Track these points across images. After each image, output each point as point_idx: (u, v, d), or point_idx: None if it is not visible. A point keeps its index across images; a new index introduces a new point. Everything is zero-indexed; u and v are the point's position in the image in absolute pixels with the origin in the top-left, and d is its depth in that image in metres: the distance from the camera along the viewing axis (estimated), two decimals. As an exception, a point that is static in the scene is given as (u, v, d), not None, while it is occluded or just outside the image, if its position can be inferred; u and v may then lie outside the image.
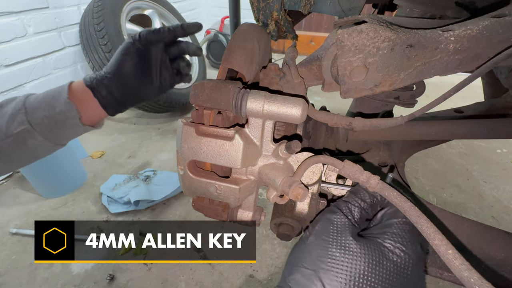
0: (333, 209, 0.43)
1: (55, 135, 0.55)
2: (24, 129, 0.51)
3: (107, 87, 0.55)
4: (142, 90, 0.59)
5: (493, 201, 1.55)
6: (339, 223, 0.40)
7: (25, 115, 0.51)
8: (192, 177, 0.46)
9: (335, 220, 0.41)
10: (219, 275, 1.16)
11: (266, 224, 1.35)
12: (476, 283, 0.29)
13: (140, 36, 0.55)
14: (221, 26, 3.42)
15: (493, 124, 0.66)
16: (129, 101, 0.59)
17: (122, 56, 0.55)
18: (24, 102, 0.53)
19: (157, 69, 0.59)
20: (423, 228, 0.34)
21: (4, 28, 1.53)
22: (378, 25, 0.41)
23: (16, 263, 1.20)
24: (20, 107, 0.52)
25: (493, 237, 0.55)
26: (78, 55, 2.01)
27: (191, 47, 0.60)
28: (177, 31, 0.57)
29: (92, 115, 0.57)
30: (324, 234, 0.39)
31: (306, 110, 0.43)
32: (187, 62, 0.63)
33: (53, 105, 0.53)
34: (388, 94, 0.79)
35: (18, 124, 0.51)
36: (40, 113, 0.52)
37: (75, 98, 0.54)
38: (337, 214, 0.41)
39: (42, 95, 0.54)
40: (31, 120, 0.52)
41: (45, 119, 0.52)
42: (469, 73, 0.41)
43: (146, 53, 0.56)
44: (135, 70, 0.56)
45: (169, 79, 0.61)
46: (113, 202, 1.46)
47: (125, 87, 0.57)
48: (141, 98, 0.60)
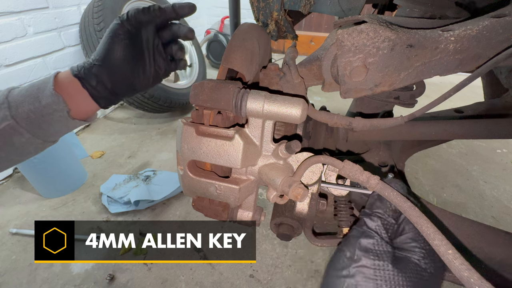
0: (369, 233, 0.43)
1: (44, 131, 0.50)
2: (8, 125, 0.46)
3: (96, 76, 0.50)
4: (136, 78, 0.53)
5: (493, 201, 1.55)
6: (379, 250, 0.40)
7: (8, 110, 0.47)
8: (192, 177, 0.46)
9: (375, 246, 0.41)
10: (219, 275, 1.16)
11: (266, 224, 1.35)
12: (476, 283, 0.29)
13: (128, 16, 0.49)
14: (221, 26, 3.42)
15: (493, 124, 0.66)
16: (122, 91, 0.54)
17: (110, 39, 0.49)
18: (6, 96, 0.48)
19: (150, 54, 0.53)
20: (423, 228, 0.34)
21: (4, 28, 1.53)
22: (378, 25, 0.41)
23: (16, 263, 1.20)
24: (2, 101, 0.47)
25: (493, 237, 0.55)
26: (78, 55, 2.01)
27: (183, 29, 0.54)
28: (168, 12, 0.51)
29: (82, 108, 0.52)
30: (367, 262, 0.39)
31: (306, 110, 0.43)
32: (180, 46, 0.57)
33: (38, 98, 0.48)
34: (388, 94, 0.79)
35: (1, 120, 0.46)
36: (25, 107, 0.47)
37: (62, 89, 0.49)
38: (375, 238, 0.42)
39: (26, 88, 0.49)
40: (15, 115, 0.47)
41: (31, 113, 0.47)
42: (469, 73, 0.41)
43: (137, 35, 0.51)
44: (126, 55, 0.50)
45: (164, 66, 0.56)
46: (113, 202, 1.46)
47: (116, 75, 0.51)
48: (135, 88, 0.55)
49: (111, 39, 0.49)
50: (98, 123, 2.27)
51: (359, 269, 0.39)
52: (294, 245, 1.28)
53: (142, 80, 0.54)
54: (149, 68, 0.54)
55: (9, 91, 0.50)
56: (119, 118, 2.36)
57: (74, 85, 0.50)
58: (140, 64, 0.52)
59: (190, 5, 0.52)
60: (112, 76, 0.51)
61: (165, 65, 0.56)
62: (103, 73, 0.50)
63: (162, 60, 0.55)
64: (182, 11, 0.52)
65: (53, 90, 0.48)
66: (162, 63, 0.55)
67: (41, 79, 0.51)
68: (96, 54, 0.51)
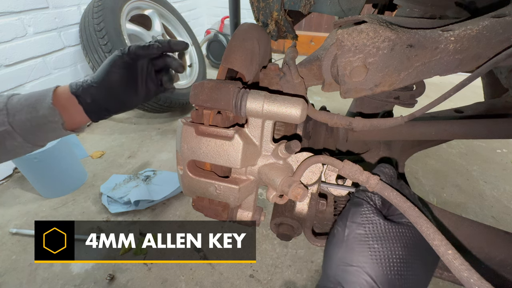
0: (357, 200, 0.44)
1: (36, 137, 0.55)
2: (4, 130, 0.51)
3: (92, 95, 0.56)
4: (127, 99, 0.60)
5: (493, 201, 1.55)
6: (368, 214, 0.41)
7: (6, 116, 0.51)
8: (191, 177, 0.46)
9: (363, 211, 0.42)
10: (219, 275, 1.16)
11: (266, 224, 1.35)
12: (476, 283, 0.29)
13: (129, 50, 0.56)
14: (221, 26, 3.42)
15: (493, 124, 0.66)
16: (113, 109, 0.60)
17: (109, 67, 0.56)
18: (6, 103, 0.52)
19: (143, 80, 0.60)
20: (422, 228, 0.34)
21: (4, 28, 1.53)
22: (378, 25, 0.41)
23: (16, 263, 1.20)
24: (2, 107, 0.52)
25: (493, 237, 0.55)
26: (78, 55, 2.01)
27: (175, 63, 0.62)
28: (165, 47, 0.58)
29: (75, 120, 0.58)
30: (358, 227, 0.40)
31: (306, 110, 0.43)
32: (169, 77, 0.65)
33: (36, 108, 0.52)
34: (388, 94, 0.79)
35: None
36: (22, 115, 0.52)
37: (59, 103, 0.54)
38: (364, 205, 0.42)
39: (25, 97, 0.54)
40: (12, 121, 0.51)
41: (27, 121, 0.52)
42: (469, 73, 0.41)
43: (133, 65, 0.58)
44: (121, 81, 0.57)
45: (154, 89, 0.63)
46: (113, 202, 1.46)
47: (110, 96, 0.58)
48: (126, 106, 0.62)
49: (109, 67, 0.56)
50: (98, 123, 2.27)
51: (352, 236, 0.40)
52: (294, 245, 1.28)
53: (133, 100, 0.61)
54: (141, 90, 0.61)
55: (9, 97, 0.54)
56: (119, 118, 2.36)
57: (70, 101, 0.56)
58: (133, 88, 0.59)
59: (183, 43, 0.61)
60: (106, 96, 0.58)
61: (155, 88, 0.63)
62: (98, 93, 0.57)
63: (153, 85, 0.62)
64: (177, 47, 0.59)
65: (51, 103, 0.53)
66: (153, 87, 0.62)
67: (41, 91, 0.56)
68: (95, 76, 0.58)
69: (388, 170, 0.46)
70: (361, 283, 0.36)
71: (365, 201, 0.43)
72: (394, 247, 0.38)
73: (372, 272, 0.36)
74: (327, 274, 0.40)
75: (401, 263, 0.37)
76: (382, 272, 0.36)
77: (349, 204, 0.46)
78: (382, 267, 0.36)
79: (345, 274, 0.38)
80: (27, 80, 1.69)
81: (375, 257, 0.37)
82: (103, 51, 1.77)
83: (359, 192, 0.46)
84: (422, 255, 0.39)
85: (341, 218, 0.44)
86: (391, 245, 0.38)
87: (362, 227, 0.40)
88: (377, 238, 0.38)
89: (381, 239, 0.38)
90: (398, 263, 0.37)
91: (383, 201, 0.44)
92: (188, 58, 2.65)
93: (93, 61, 1.81)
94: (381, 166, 0.47)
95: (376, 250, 0.37)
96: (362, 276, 0.36)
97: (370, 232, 0.39)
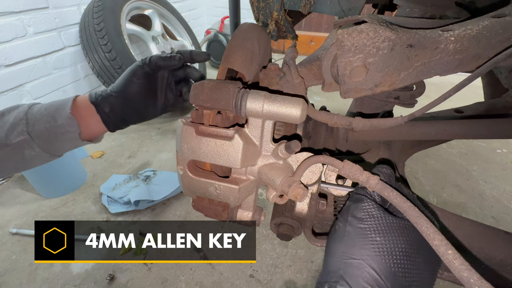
0: (358, 197, 0.44)
1: (53, 147, 0.55)
2: (23, 139, 0.51)
3: (111, 104, 0.56)
4: (145, 110, 0.60)
5: (493, 201, 1.55)
6: (369, 209, 0.41)
7: (25, 126, 0.51)
8: (191, 177, 0.46)
9: (364, 207, 0.42)
10: (219, 275, 1.16)
11: (266, 224, 1.35)
12: (476, 283, 0.29)
13: (150, 61, 0.55)
14: (221, 26, 3.42)
15: (493, 124, 0.66)
16: (131, 119, 0.60)
17: (129, 77, 0.56)
18: (26, 113, 0.53)
19: (162, 91, 0.60)
20: (422, 228, 0.34)
21: (4, 28, 1.53)
22: (378, 25, 0.41)
23: (16, 263, 1.20)
24: (22, 117, 0.52)
25: (493, 237, 0.55)
26: (78, 55, 2.01)
27: (196, 74, 0.62)
28: (186, 58, 0.58)
29: (92, 130, 0.58)
30: (359, 222, 0.41)
31: (306, 110, 0.43)
32: (189, 88, 0.64)
33: (55, 117, 0.53)
34: (388, 94, 0.79)
35: (18, 134, 0.51)
36: (41, 125, 0.52)
37: (78, 112, 0.54)
38: (364, 201, 0.43)
39: (45, 107, 0.54)
40: (31, 131, 0.52)
41: (45, 131, 0.52)
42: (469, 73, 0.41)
43: (153, 76, 0.57)
44: (140, 91, 0.57)
45: (173, 100, 0.62)
46: (113, 202, 1.46)
47: (129, 107, 0.57)
48: (144, 117, 0.61)
49: (129, 77, 0.56)
50: (98, 123, 2.27)
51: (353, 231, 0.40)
52: (294, 245, 1.28)
53: (151, 111, 0.61)
54: (160, 101, 0.60)
55: (29, 107, 0.54)
56: (119, 118, 2.36)
57: (89, 110, 0.56)
58: (152, 98, 0.59)
59: (206, 54, 0.61)
60: (125, 107, 0.57)
61: (174, 99, 0.62)
62: (117, 103, 0.57)
63: (172, 95, 0.62)
64: (198, 58, 0.59)
65: (69, 113, 0.53)
66: (172, 98, 0.62)
67: (61, 100, 0.56)
68: (114, 86, 0.57)
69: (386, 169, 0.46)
70: (364, 276, 0.36)
71: (365, 197, 0.43)
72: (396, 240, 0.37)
73: (375, 264, 0.36)
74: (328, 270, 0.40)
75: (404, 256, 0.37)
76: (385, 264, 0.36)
77: (349, 201, 0.46)
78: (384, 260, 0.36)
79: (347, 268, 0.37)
80: (27, 80, 1.69)
81: (378, 250, 0.37)
82: (103, 51, 1.77)
83: (359, 189, 0.46)
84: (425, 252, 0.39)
85: (342, 214, 0.45)
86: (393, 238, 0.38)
87: (364, 221, 0.40)
88: (379, 232, 0.38)
89: (383, 232, 0.38)
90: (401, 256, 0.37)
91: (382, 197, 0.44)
92: (188, 58, 2.65)
93: (93, 61, 1.81)
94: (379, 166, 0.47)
95: (378, 243, 0.37)
96: (365, 269, 0.36)
97: (372, 226, 0.39)
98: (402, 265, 0.36)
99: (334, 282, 0.38)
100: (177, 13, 2.52)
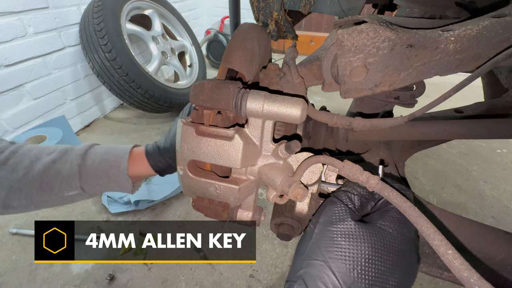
0: (333, 199, 0.44)
1: (99, 193, 0.58)
2: (77, 193, 0.53)
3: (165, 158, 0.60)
4: None
5: (493, 201, 1.55)
6: (340, 213, 0.41)
7: (79, 181, 0.52)
8: (191, 177, 0.46)
9: (337, 210, 0.42)
10: (219, 275, 1.16)
11: (266, 224, 1.35)
12: (476, 283, 0.29)
13: None
14: (221, 26, 3.42)
15: (493, 124, 0.66)
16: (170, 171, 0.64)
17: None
18: (79, 166, 0.53)
19: None
20: (422, 228, 0.34)
21: (4, 28, 1.53)
22: (378, 25, 0.41)
23: (16, 263, 1.20)
24: (76, 171, 0.52)
25: (493, 237, 0.55)
26: (78, 55, 2.01)
27: None
28: None
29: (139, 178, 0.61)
30: (328, 225, 0.40)
31: (306, 110, 0.43)
32: None
33: (108, 174, 0.54)
34: (388, 94, 0.79)
35: (71, 188, 0.52)
36: (94, 180, 0.53)
37: (132, 167, 0.56)
38: (338, 205, 0.43)
39: (99, 160, 0.55)
40: (84, 186, 0.53)
41: (98, 186, 0.54)
42: (469, 73, 0.41)
43: None
44: None
45: None
46: (113, 202, 1.46)
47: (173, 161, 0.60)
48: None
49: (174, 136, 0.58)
50: (98, 123, 2.27)
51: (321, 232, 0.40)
52: (294, 245, 1.28)
53: None
54: None
55: (82, 158, 0.54)
56: (119, 118, 2.36)
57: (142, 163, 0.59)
58: None
59: None
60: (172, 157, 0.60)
61: None
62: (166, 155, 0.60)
63: None
64: None
65: (126, 174, 0.55)
66: None
67: (116, 152, 0.57)
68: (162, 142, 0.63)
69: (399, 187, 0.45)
70: (322, 277, 0.36)
71: (339, 201, 0.43)
72: (361, 247, 0.37)
73: (335, 268, 0.36)
74: (294, 269, 0.40)
75: (368, 264, 0.36)
76: (345, 269, 0.36)
77: (325, 202, 0.46)
78: (346, 265, 0.36)
79: (308, 268, 0.37)
80: (27, 80, 1.69)
81: (341, 254, 0.37)
82: (103, 51, 1.77)
83: (339, 192, 0.46)
84: (395, 262, 0.38)
85: (316, 215, 0.45)
86: (358, 245, 0.37)
87: (333, 224, 0.40)
88: (345, 237, 0.38)
89: (349, 238, 0.38)
90: (364, 264, 0.36)
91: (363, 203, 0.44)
92: (188, 58, 2.65)
93: (93, 61, 1.81)
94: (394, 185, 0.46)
95: (342, 247, 0.37)
96: (325, 271, 0.36)
97: (339, 230, 0.39)
98: (364, 272, 0.36)
99: (293, 281, 0.38)
100: (177, 13, 2.52)
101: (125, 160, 0.55)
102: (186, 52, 2.62)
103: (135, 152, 0.59)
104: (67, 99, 1.99)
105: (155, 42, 2.22)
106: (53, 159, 0.52)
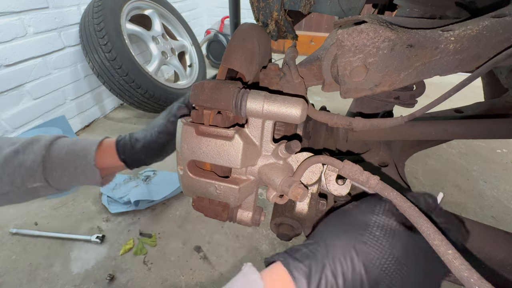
0: (381, 197, 0.43)
1: (66, 186, 0.56)
2: (40, 185, 0.50)
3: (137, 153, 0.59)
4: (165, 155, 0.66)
5: (493, 201, 1.55)
6: (385, 208, 0.41)
7: (42, 174, 0.50)
8: (191, 177, 0.46)
9: (382, 205, 0.41)
10: (219, 275, 1.16)
11: (266, 224, 1.35)
12: (476, 283, 0.29)
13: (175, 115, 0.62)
14: (221, 26, 3.42)
15: (493, 124, 0.66)
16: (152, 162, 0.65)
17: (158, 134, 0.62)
18: (43, 156, 0.50)
19: None
20: (422, 228, 0.34)
21: (4, 28, 1.53)
22: (378, 25, 0.41)
23: (16, 263, 1.20)
24: (39, 162, 0.49)
25: (493, 237, 0.55)
26: (78, 55, 2.01)
27: None
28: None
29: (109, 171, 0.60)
30: (370, 212, 0.40)
31: (306, 110, 0.43)
32: None
33: (75, 164, 0.52)
34: (388, 94, 0.79)
35: (34, 180, 0.49)
36: (59, 171, 0.51)
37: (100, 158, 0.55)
38: (385, 202, 0.42)
39: (65, 151, 0.52)
40: (49, 178, 0.50)
41: (64, 177, 0.52)
42: (469, 73, 0.41)
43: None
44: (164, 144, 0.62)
45: None
46: (113, 202, 1.46)
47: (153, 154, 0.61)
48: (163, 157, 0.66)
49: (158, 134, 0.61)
50: (98, 123, 2.27)
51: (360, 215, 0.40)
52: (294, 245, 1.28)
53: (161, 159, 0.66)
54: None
55: (47, 148, 0.51)
56: (119, 118, 2.36)
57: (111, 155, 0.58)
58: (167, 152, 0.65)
59: None
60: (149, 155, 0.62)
61: None
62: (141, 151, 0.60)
63: None
64: None
65: (94, 164, 0.53)
66: None
67: (83, 144, 0.55)
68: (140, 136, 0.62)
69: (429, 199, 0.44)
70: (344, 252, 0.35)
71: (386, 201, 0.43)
72: (393, 246, 0.36)
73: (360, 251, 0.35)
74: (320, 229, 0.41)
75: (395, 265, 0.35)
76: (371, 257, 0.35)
77: (370, 196, 0.45)
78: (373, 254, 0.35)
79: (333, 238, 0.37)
80: (27, 80, 1.69)
81: (373, 243, 0.36)
82: (103, 51, 1.77)
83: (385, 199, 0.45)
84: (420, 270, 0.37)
85: (361, 201, 0.44)
86: (391, 242, 0.36)
87: (373, 214, 0.40)
88: (381, 229, 0.38)
89: (385, 231, 0.37)
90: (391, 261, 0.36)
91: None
92: (188, 58, 2.65)
93: (93, 61, 1.81)
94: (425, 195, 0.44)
95: (376, 236, 0.37)
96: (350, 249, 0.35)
97: (378, 222, 0.38)
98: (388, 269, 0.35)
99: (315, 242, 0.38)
100: (177, 13, 2.52)
101: (92, 151, 0.53)
102: (186, 52, 2.62)
103: (106, 144, 0.57)
104: (67, 99, 1.99)
105: (155, 42, 2.23)
106: (15, 149, 0.50)
